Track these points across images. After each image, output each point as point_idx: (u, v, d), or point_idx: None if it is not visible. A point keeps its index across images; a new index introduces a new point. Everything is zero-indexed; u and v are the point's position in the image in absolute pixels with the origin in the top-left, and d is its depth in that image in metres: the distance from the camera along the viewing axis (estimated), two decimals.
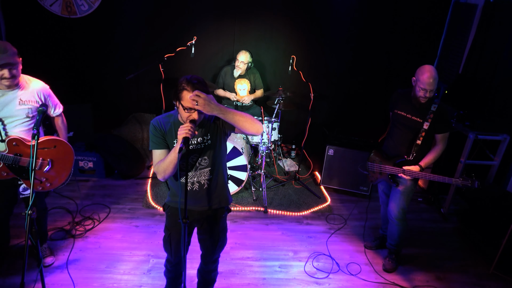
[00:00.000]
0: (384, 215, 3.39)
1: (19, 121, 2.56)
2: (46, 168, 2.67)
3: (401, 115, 2.99)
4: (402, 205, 3.04)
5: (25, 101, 2.54)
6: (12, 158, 2.55)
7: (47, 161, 2.67)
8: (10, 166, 2.58)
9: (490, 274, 3.25)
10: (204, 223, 2.33)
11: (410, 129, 2.93)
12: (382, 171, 3.08)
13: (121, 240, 3.39)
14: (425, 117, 2.86)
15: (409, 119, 2.93)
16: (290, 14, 4.82)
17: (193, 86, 1.92)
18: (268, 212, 3.98)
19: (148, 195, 4.11)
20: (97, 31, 4.67)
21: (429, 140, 2.93)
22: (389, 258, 3.28)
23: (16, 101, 2.50)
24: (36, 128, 2.30)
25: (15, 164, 2.57)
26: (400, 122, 3.00)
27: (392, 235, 3.20)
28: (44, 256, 3.03)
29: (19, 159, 2.56)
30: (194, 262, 2.77)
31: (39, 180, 2.67)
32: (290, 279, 3.09)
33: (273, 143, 4.63)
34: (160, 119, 2.13)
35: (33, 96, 2.58)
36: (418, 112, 2.90)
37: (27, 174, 2.59)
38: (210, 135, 2.14)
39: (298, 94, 4.80)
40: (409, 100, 2.94)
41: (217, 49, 4.96)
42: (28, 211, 2.08)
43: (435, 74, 2.74)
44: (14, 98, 2.50)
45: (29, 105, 2.56)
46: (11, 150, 2.55)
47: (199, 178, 2.18)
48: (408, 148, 2.97)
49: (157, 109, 4.79)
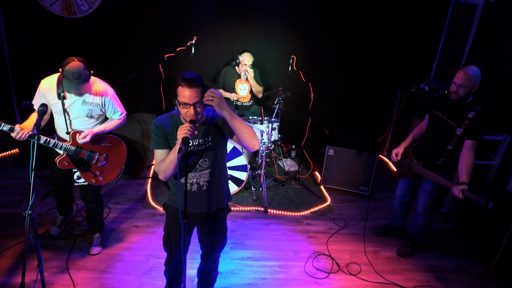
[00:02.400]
0: (396, 207, 3.52)
1: (81, 119, 2.78)
2: (101, 163, 2.89)
3: (437, 116, 3.01)
4: (427, 201, 3.18)
5: (88, 102, 2.74)
6: (74, 149, 2.79)
7: (103, 156, 2.89)
8: (71, 157, 2.82)
9: (490, 274, 3.25)
10: (204, 223, 2.33)
11: (443, 131, 2.92)
12: (411, 168, 3.14)
13: (121, 240, 3.38)
14: (460, 123, 2.81)
15: (444, 121, 2.93)
16: (290, 14, 4.82)
17: (186, 82, 1.92)
18: (268, 212, 3.98)
19: (148, 195, 4.11)
20: (97, 31, 4.67)
21: (461, 147, 2.86)
22: (406, 246, 3.44)
23: (81, 100, 2.72)
24: (36, 128, 2.30)
25: (76, 156, 2.81)
26: (435, 123, 3.03)
27: (415, 225, 3.39)
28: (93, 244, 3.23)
29: (80, 151, 2.81)
30: (194, 262, 2.78)
31: (94, 173, 2.90)
32: (290, 279, 3.09)
33: (273, 143, 4.63)
34: (163, 119, 2.13)
35: (96, 99, 2.76)
36: (454, 117, 2.86)
37: (85, 167, 2.87)
38: (211, 137, 2.14)
39: (298, 94, 4.80)
40: (448, 101, 2.90)
41: (217, 49, 4.96)
42: (28, 211, 2.08)
43: (470, 72, 2.74)
44: (79, 98, 2.72)
45: (91, 106, 2.76)
46: (74, 142, 2.79)
47: (198, 179, 2.18)
48: (438, 151, 2.96)
49: (157, 109, 4.79)
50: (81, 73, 2.50)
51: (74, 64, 2.49)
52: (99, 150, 2.88)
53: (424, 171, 3.00)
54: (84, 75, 2.53)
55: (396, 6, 4.80)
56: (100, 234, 3.28)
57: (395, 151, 3.21)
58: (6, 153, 4.72)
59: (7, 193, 3.94)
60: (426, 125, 3.21)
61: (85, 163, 2.85)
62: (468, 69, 2.78)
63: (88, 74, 2.59)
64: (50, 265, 3.02)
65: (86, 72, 2.55)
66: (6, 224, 3.44)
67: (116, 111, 2.92)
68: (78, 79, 2.49)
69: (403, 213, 3.51)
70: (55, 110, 2.75)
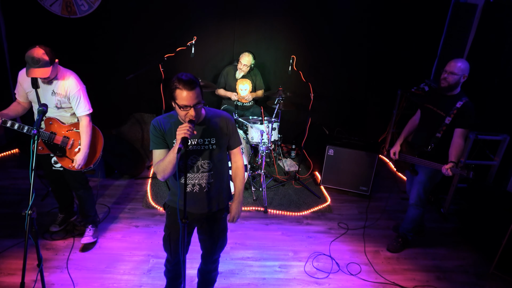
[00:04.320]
0: None
1: (51, 109, 2.86)
2: (77, 148, 2.98)
3: (429, 108, 3.15)
4: (419, 193, 3.23)
5: (56, 93, 2.81)
6: (48, 135, 2.90)
7: (78, 142, 2.98)
8: (46, 142, 2.92)
9: (490, 274, 3.25)
10: (204, 224, 2.33)
11: (433, 121, 3.06)
12: (406, 161, 3.24)
13: (121, 240, 3.39)
14: (449, 112, 2.96)
15: (435, 112, 3.08)
16: (290, 14, 4.82)
17: (184, 84, 1.92)
18: (268, 212, 3.98)
19: (148, 195, 4.11)
20: (97, 31, 4.67)
21: (449, 136, 3.00)
22: (395, 241, 3.49)
23: (50, 91, 2.81)
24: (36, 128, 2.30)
25: (50, 141, 2.92)
26: (427, 115, 3.17)
27: (406, 218, 3.42)
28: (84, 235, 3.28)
29: (53, 137, 2.91)
30: (194, 262, 2.77)
31: (70, 159, 2.98)
32: (290, 279, 3.09)
33: (273, 143, 4.63)
34: (160, 119, 2.13)
35: (62, 90, 2.82)
36: (444, 106, 3.01)
37: (61, 152, 2.97)
38: (215, 139, 2.14)
39: (298, 94, 4.80)
40: (437, 93, 3.10)
41: (217, 49, 4.96)
42: (28, 211, 2.08)
43: (460, 62, 2.94)
44: (50, 88, 2.80)
45: (59, 97, 2.82)
46: (47, 128, 2.91)
47: (200, 180, 2.17)
48: (427, 140, 3.09)
49: (157, 109, 4.78)
50: (40, 59, 2.55)
51: (35, 49, 2.56)
52: (73, 136, 2.96)
53: (416, 160, 3.12)
54: (43, 61, 2.57)
55: (396, 6, 4.81)
56: (93, 227, 3.32)
57: (392, 151, 3.36)
58: (6, 153, 4.72)
59: (7, 193, 3.94)
60: (418, 119, 3.35)
61: (61, 149, 2.95)
62: (458, 59, 3.00)
63: (49, 60, 2.60)
64: (50, 265, 3.03)
65: (46, 58, 2.58)
66: (6, 224, 3.44)
67: (80, 106, 2.88)
68: (36, 64, 2.55)
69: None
70: (30, 98, 2.87)
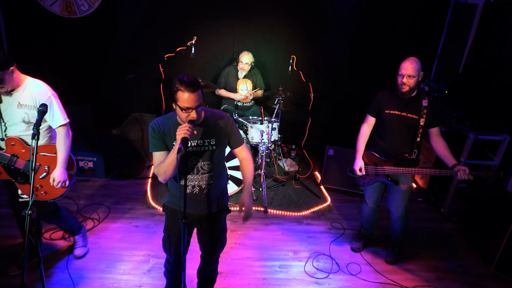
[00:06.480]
0: (370, 215, 3.36)
1: (17, 126, 2.49)
2: (42, 175, 2.55)
3: (394, 114, 2.94)
4: (406, 203, 3.11)
5: (23, 104, 2.45)
6: (9, 158, 2.50)
7: (44, 168, 2.55)
8: (6, 166, 2.51)
9: (490, 274, 3.25)
10: (203, 224, 2.33)
11: (409, 127, 2.92)
12: (380, 173, 3.04)
13: (121, 240, 3.38)
14: (420, 113, 2.88)
15: (405, 116, 2.91)
16: (290, 14, 4.82)
17: (186, 86, 1.91)
18: (268, 212, 3.98)
19: (148, 195, 4.11)
20: (97, 31, 4.68)
21: (425, 136, 2.96)
22: (393, 252, 3.37)
23: (15, 103, 2.44)
24: (36, 128, 2.29)
25: (11, 165, 2.51)
26: (393, 121, 2.95)
27: (395, 231, 3.28)
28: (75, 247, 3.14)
29: (15, 160, 2.51)
30: (194, 262, 2.77)
31: (35, 187, 2.51)
32: (290, 279, 3.09)
33: (273, 143, 4.63)
34: (159, 121, 2.13)
35: (29, 100, 2.43)
36: (412, 109, 2.90)
37: (23, 178, 2.52)
38: (215, 140, 2.14)
39: (298, 94, 4.80)
40: (397, 98, 2.95)
41: (217, 49, 4.96)
42: (28, 211, 2.08)
43: (415, 62, 2.84)
44: (14, 100, 2.44)
45: (26, 109, 2.45)
46: (9, 150, 2.51)
47: (200, 182, 2.17)
48: (409, 147, 2.96)
49: (157, 109, 4.79)
50: None
51: None
52: (40, 160, 2.52)
53: (401, 170, 2.93)
54: None
55: (396, 6, 4.81)
56: (80, 235, 3.18)
57: (357, 167, 3.06)
58: None
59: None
60: (370, 128, 3.13)
61: (23, 174, 2.51)
62: (411, 59, 2.87)
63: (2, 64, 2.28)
64: (50, 265, 3.02)
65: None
66: (6, 224, 3.44)
67: (55, 115, 2.50)
68: None
69: (375, 220, 3.40)
70: None
